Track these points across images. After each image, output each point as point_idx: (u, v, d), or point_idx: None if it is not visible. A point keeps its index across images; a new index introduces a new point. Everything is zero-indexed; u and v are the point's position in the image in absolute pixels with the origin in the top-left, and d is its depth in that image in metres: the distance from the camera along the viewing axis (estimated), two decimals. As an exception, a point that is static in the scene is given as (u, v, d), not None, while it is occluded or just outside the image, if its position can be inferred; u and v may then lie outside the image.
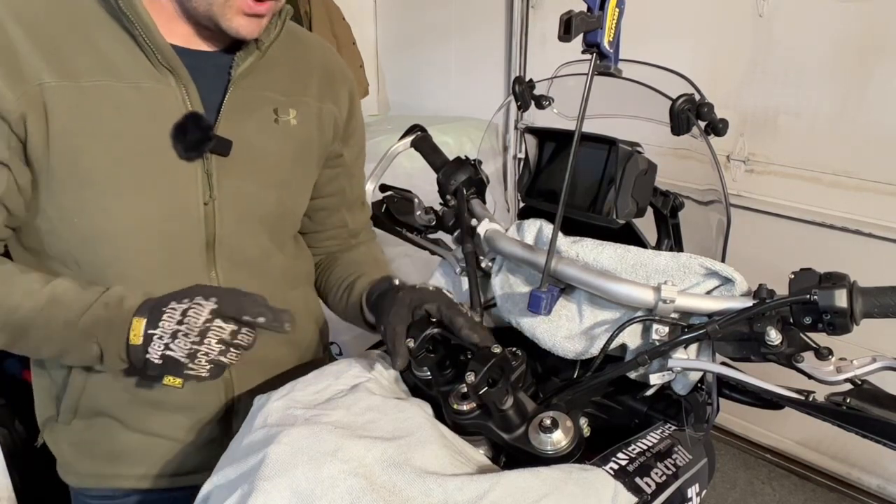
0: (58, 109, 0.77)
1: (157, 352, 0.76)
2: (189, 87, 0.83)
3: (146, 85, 0.81)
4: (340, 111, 1.03)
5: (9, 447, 1.01)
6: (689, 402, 0.81)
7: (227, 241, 0.91)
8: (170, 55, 0.81)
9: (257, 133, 0.90)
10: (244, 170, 0.89)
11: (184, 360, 0.75)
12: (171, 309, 0.77)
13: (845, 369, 0.66)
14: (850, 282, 0.68)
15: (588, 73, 0.79)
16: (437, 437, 0.71)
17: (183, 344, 0.75)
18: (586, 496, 0.66)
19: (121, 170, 0.81)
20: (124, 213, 0.83)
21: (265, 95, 0.91)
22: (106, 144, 0.80)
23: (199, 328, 0.76)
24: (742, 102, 2.02)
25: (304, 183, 1.01)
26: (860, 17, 1.77)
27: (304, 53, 0.98)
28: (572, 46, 0.78)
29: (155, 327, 0.76)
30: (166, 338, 0.76)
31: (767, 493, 2.15)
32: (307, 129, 0.97)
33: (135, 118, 0.81)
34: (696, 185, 1.00)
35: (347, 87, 1.05)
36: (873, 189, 1.85)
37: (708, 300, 0.77)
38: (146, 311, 0.78)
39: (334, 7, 2.77)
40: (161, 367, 0.76)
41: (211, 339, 0.76)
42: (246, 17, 0.80)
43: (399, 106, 3.21)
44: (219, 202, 0.88)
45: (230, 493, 0.64)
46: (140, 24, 0.78)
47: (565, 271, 0.84)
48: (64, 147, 0.78)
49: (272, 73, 0.92)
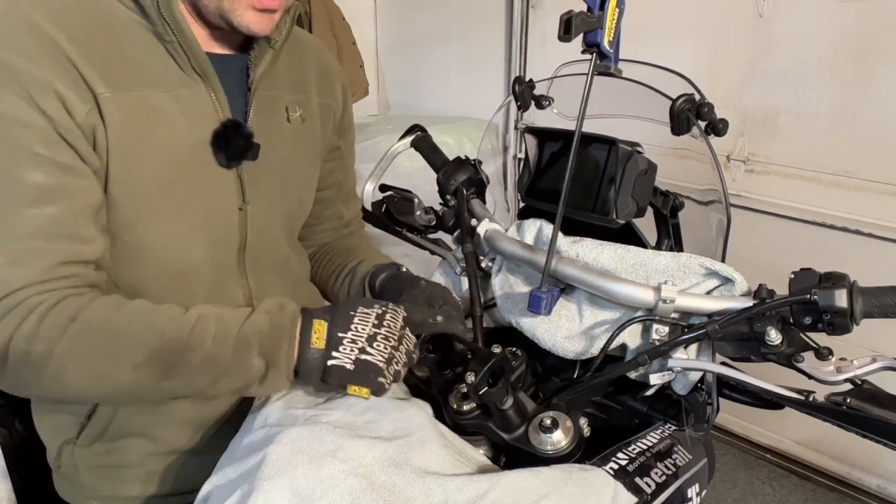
0: (113, 121, 0.75)
1: (349, 355, 0.71)
2: (218, 93, 0.83)
3: (181, 92, 0.81)
4: (337, 105, 1.04)
5: (9, 447, 1.01)
6: (689, 402, 0.81)
7: (255, 245, 0.92)
8: (203, 61, 0.80)
9: (275, 134, 0.91)
10: (269, 173, 0.90)
11: (382, 364, 0.72)
12: (364, 313, 0.74)
13: (845, 369, 0.66)
14: (850, 282, 0.68)
15: (588, 73, 0.79)
16: (437, 437, 0.71)
17: (383, 347, 0.72)
18: (586, 496, 0.66)
19: (168, 180, 0.80)
20: (171, 224, 0.82)
21: (277, 95, 0.92)
22: (154, 155, 0.79)
23: (398, 334, 0.74)
24: (742, 102, 2.02)
25: (314, 179, 1.03)
26: (860, 17, 1.76)
27: (301, 50, 0.98)
28: (572, 46, 0.78)
29: (346, 330, 0.72)
30: (361, 341, 0.72)
31: (767, 493, 2.15)
32: (312, 126, 0.99)
33: (177, 127, 0.80)
34: (696, 185, 1.00)
35: (340, 80, 1.07)
36: (873, 189, 1.85)
37: (708, 300, 0.77)
38: (325, 314, 0.74)
39: (334, 7, 2.76)
40: (350, 374, 0.71)
41: (403, 348, 0.74)
42: (256, 12, 0.79)
43: (399, 106, 3.20)
44: (251, 207, 0.89)
45: (230, 493, 0.64)
46: (178, 30, 0.77)
47: (565, 271, 0.84)
48: (119, 159, 0.77)
49: (279, 72, 0.92)
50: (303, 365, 0.72)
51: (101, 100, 0.74)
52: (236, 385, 0.73)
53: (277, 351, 0.72)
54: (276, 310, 0.75)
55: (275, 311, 0.74)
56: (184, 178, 0.82)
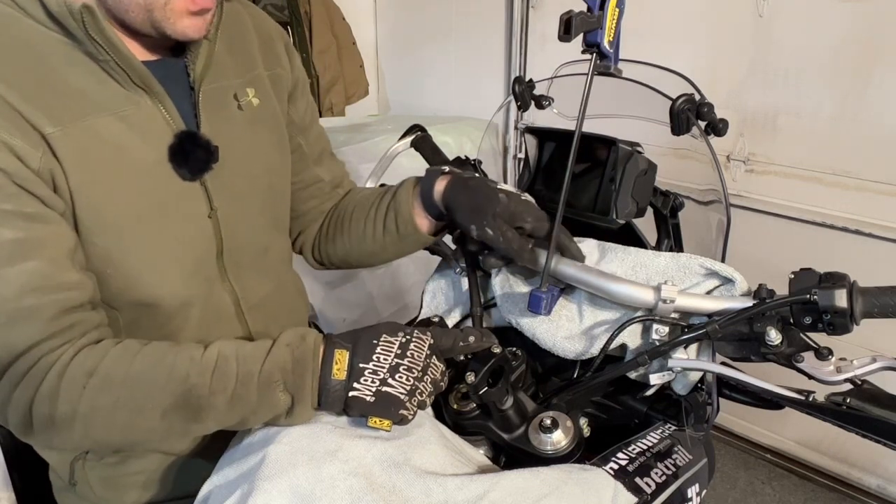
0: (68, 159, 0.71)
1: (369, 387, 0.69)
2: (165, 102, 0.78)
3: (129, 111, 0.76)
4: (284, 70, 0.98)
5: (9, 447, 1.01)
6: (689, 402, 0.81)
7: (232, 246, 0.89)
8: (143, 73, 0.75)
9: (230, 127, 0.86)
10: (231, 171, 0.86)
11: (404, 397, 0.69)
12: (387, 342, 0.71)
13: (845, 369, 0.66)
14: (850, 282, 0.68)
15: (588, 73, 0.79)
16: (437, 437, 0.71)
17: (405, 379, 0.69)
18: (586, 496, 0.66)
19: (135, 207, 0.77)
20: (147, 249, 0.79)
21: (223, 85, 0.86)
22: (115, 182, 0.75)
23: (423, 363, 0.71)
24: (742, 102, 2.02)
25: (285, 158, 0.98)
26: (860, 18, 1.76)
27: (236, 25, 0.92)
28: (572, 46, 0.78)
29: (367, 360, 0.70)
30: (383, 372, 0.69)
31: (767, 493, 2.15)
32: (269, 103, 0.93)
33: (132, 150, 0.76)
34: (696, 185, 1.00)
35: (281, 41, 0.99)
36: (873, 189, 1.85)
37: (708, 300, 0.77)
38: (346, 341, 0.72)
39: (334, 7, 2.77)
40: (370, 405, 0.69)
41: (428, 378, 0.72)
42: (192, 16, 0.74)
43: (399, 106, 3.20)
44: (220, 211, 0.85)
45: (230, 493, 0.64)
46: (110, 47, 0.71)
47: (565, 271, 0.84)
48: (83, 197, 0.73)
49: (219, 60, 0.86)
50: (325, 396, 0.70)
51: (51, 139, 0.70)
52: (264, 420, 0.72)
53: (302, 385, 0.70)
54: (297, 342, 0.72)
55: (296, 343, 0.72)
56: (150, 200, 0.78)
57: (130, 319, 0.82)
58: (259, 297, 0.95)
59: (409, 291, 2.20)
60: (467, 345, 0.76)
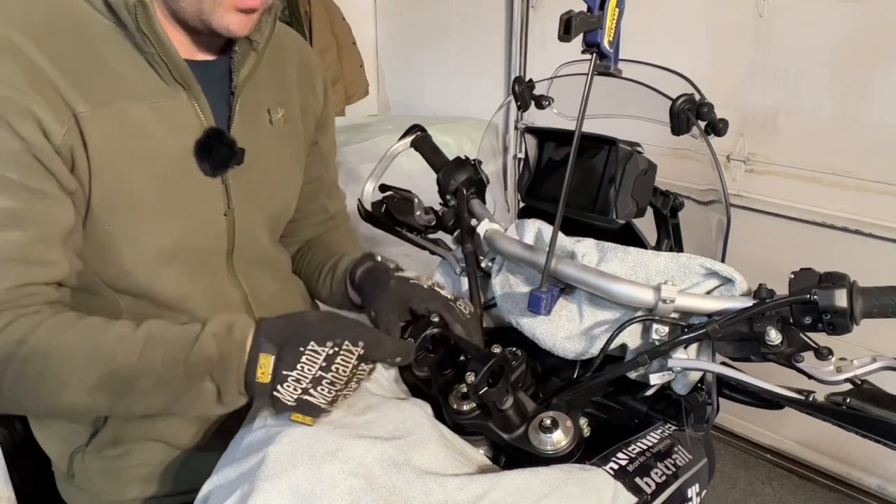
0: (94, 140, 0.74)
1: (291, 395, 0.69)
2: (200, 100, 0.83)
3: (162, 103, 0.80)
4: (317, 101, 1.04)
5: (9, 447, 1.01)
6: (689, 402, 0.81)
7: (243, 247, 0.92)
8: (184, 70, 0.79)
9: (259, 137, 0.91)
10: (254, 176, 0.90)
11: (325, 405, 0.70)
12: (313, 352, 0.69)
13: (845, 369, 0.66)
14: (850, 282, 0.68)
15: (588, 73, 0.79)
16: (437, 437, 0.71)
17: (327, 392, 0.70)
18: (586, 496, 0.66)
19: (152, 194, 0.80)
20: (158, 237, 0.82)
21: (259, 98, 0.92)
22: (136, 170, 0.78)
23: (347, 376, 0.71)
24: (742, 102, 2.02)
25: (298, 178, 1.03)
26: (860, 17, 1.76)
27: (282, 49, 0.97)
28: (572, 46, 0.78)
29: (291, 368, 0.69)
30: (305, 382, 0.69)
31: (767, 493, 2.15)
32: (295, 126, 0.98)
33: (158, 140, 0.79)
34: (696, 185, 1.00)
35: (321, 75, 1.05)
36: (873, 189, 1.85)
37: (708, 300, 0.77)
38: (271, 345, 0.71)
39: (334, 7, 2.77)
40: (293, 409, 0.70)
41: (353, 384, 0.72)
42: (237, 13, 0.77)
43: (399, 106, 3.20)
44: (237, 211, 0.89)
45: (230, 493, 0.64)
46: (157, 41, 0.76)
47: (565, 271, 0.84)
48: (103, 178, 0.76)
49: (260, 74, 0.91)
50: (250, 391, 0.72)
51: (81, 118, 0.73)
52: (194, 408, 0.73)
53: (227, 381, 0.71)
54: (223, 333, 0.72)
55: (222, 334, 0.72)
56: (168, 190, 0.81)
57: (130, 304, 0.84)
58: (268, 296, 0.98)
59: (409, 291, 2.20)
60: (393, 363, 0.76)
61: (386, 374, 0.85)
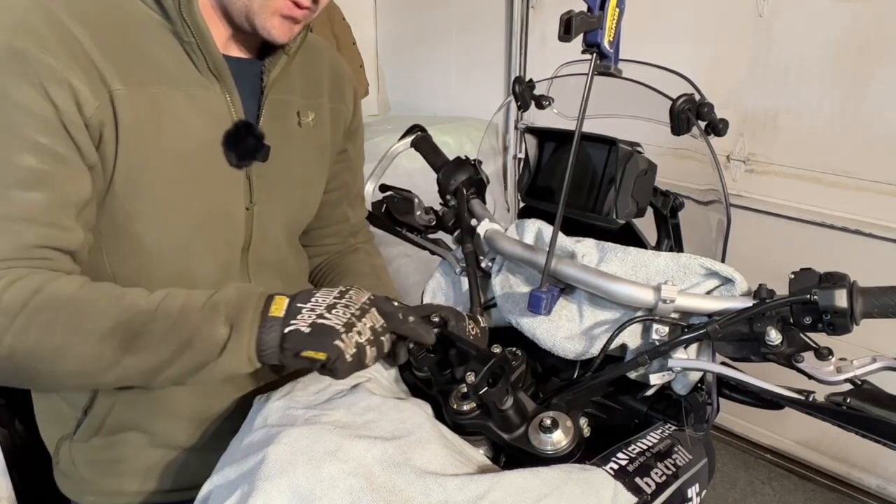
0: (126, 119, 0.76)
1: (305, 319, 0.71)
2: (233, 94, 0.84)
3: (196, 92, 0.81)
4: (348, 109, 1.06)
5: (9, 446, 1.01)
6: (689, 402, 0.81)
7: (259, 244, 0.93)
8: (220, 62, 0.81)
9: (286, 137, 0.92)
10: (278, 174, 0.91)
11: (339, 327, 0.70)
12: (326, 290, 0.74)
13: (845, 369, 0.66)
14: (850, 282, 0.68)
15: (588, 73, 0.79)
16: (437, 437, 0.71)
17: (342, 313, 0.72)
18: (586, 496, 0.66)
19: (176, 178, 0.81)
20: (174, 221, 0.83)
21: (289, 100, 0.94)
22: (163, 152, 0.79)
23: (361, 305, 0.73)
24: (742, 102, 2.02)
25: (321, 183, 1.04)
26: (860, 17, 1.76)
27: (314, 55, 1.00)
28: (572, 46, 0.78)
29: (306, 301, 0.72)
30: (320, 309, 0.72)
31: (767, 493, 2.15)
32: (323, 130, 1.00)
33: (188, 125, 0.81)
34: (696, 185, 1.00)
35: (352, 85, 1.08)
36: (873, 189, 1.85)
37: (708, 300, 0.77)
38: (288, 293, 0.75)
39: (334, 7, 2.77)
40: (307, 337, 0.70)
41: (366, 322, 0.73)
42: (281, 18, 0.80)
43: (399, 106, 3.21)
44: (258, 207, 0.90)
45: (230, 494, 0.64)
46: (197, 31, 0.78)
47: (565, 271, 0.84)
48: (130, 157, 0.77)
49: (292, 77, 0.94)
50: (263, 334, 0.71)
51: (116, 95, 0.75)
52: (197, 358, 0.71)
53: (242, 317, 0.71)
54: (244, 286, 0.76)
55: (243, 287, 0.76)
56: (191, 175, 0.82)
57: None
58: None
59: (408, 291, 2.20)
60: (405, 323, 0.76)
61: (386, 374, 0.85)
